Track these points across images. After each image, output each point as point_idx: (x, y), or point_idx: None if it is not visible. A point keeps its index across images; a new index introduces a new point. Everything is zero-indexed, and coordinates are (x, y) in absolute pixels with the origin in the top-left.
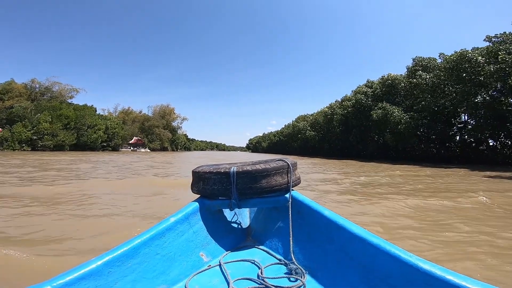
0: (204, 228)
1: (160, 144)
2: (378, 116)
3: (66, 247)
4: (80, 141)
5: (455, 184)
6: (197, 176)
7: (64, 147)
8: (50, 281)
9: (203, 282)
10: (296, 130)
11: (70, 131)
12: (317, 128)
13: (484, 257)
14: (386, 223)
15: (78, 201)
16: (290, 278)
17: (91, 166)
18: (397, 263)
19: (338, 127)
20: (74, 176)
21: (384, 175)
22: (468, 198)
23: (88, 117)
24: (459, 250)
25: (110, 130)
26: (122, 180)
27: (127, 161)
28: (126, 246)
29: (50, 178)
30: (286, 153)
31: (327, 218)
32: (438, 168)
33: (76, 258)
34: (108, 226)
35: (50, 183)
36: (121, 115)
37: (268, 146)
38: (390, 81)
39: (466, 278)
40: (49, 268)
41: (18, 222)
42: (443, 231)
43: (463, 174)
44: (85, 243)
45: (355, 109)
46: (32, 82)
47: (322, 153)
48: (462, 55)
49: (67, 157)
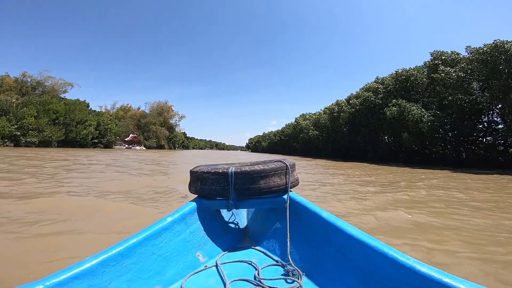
0: (201, 228)
1: (156, 142)
2: (392, 114)
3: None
4: (68, 137)
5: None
6: (195, 176)
7: (51, 143)
8: (43, 280)
9: (199, 282)
10: (298, 129)
11: (58, 127)
12: (320, 128)
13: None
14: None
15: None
16: (287, 279)
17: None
18: (394, 266)
19: (345, 126)
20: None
21: (431, 185)
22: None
23: (77, 112)
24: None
25: (102, 126)
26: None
27: (101, 160)
28: (122, 245)
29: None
30: (287, 153)
31: (325, 219)
32: (475, 173)
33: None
34: None
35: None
36: (120, 112)
37: (268, 146)
38: (404, 77)
39: (464, 281)
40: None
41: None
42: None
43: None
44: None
45: (364, 107)
46: (23, 76)
47: (325, 154)
48: (497, 46)
49: (28, 154)
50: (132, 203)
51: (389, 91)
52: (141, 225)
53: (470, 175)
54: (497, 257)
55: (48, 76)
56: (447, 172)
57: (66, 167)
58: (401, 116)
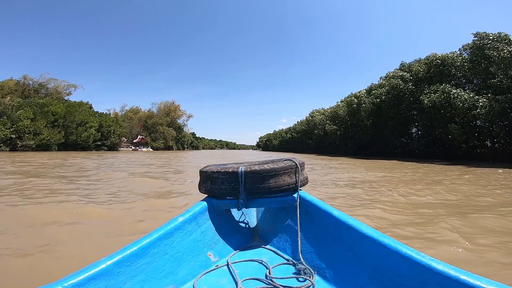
0: (212, 228)
1: (164, 143)
2: (432, 102)
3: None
4: (69, 140)
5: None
6: (205, 175)
7: (51, 147)
8: (61, 281)
9: (211, 282)
10: (312, 125)
11: (57, 129)
12: (339, 121)
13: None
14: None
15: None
16: (299, 278)
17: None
18: (408, 264)
19: (368, 119)
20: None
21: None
22: None
23: (77, 113)
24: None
25: (105, 128)
26: None
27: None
28: (135, 246)
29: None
30: (301, 151)
31: (336, 218)
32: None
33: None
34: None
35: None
36: (129, 114)
37: (279, 144)
38: (439, 61)
39: (481, 278)
40: None
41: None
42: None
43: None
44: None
45: (392, 97)
46: (24, 78)
47: (344, 151)
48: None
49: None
50: None
51: (420, 78)
52: None
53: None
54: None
55: (50, 78)
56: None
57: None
58: (446, 104)
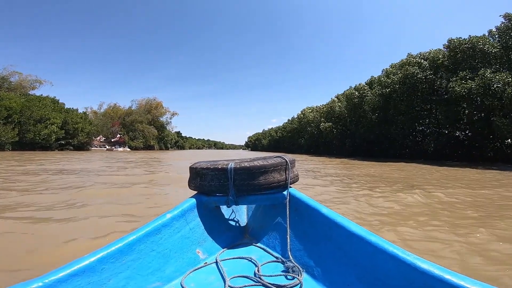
0: (201, 225)
1: (143, 142)
2: (465, 91)
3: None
4: (25, 138)
5: None
6: (195, 172)
7: (4, 146)
8: (42, 277)
9: (199, 279)
10: (304, 122)
11: (10, 126)
12: (334, 119)
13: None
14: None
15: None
16: (287, 276)
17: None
18: (395, 262)
19: (373, 113)
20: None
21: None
22: None
23: (36, 108)
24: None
25: (71, 125)
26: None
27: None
28: (121, 242)
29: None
30: (291, 151)
31: (325, 216)
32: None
33: None
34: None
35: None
36: (109, 112)
37: (268, 144)
38: (468, 45)
39: (465, 278)
40: None
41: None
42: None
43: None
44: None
45: (406, 87)
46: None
47: (340, 150)
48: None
49: None
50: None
51: (441, 64)
52: None
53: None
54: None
55: (14, 71)
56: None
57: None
58: (484, 92)
